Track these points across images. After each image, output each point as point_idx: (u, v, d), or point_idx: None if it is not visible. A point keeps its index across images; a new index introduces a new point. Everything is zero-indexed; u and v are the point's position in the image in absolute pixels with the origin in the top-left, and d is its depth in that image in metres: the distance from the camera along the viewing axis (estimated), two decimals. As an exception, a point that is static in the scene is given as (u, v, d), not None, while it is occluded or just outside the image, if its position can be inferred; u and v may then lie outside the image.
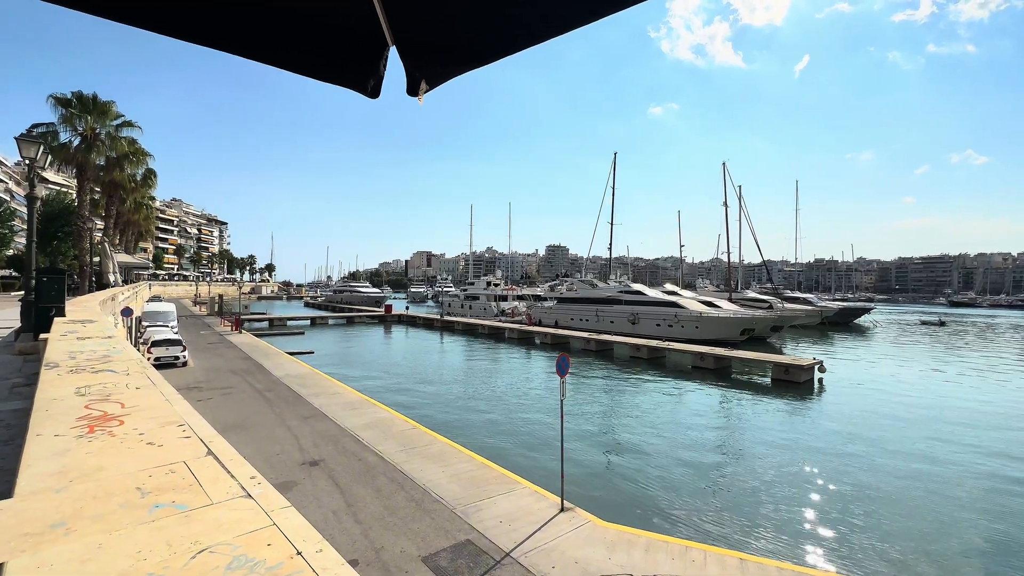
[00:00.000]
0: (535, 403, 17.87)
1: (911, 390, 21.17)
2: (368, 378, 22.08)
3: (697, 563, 6.13)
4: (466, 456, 9.85)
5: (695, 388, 20.91)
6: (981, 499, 10.00)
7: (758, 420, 16.16)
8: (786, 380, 21.22)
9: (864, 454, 12.56)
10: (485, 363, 27.72)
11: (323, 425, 11.68)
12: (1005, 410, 17.65)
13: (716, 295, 49.18)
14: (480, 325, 43.68)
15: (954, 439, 13.97)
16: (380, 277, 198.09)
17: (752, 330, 35.38)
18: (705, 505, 9.52)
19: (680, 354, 26.91)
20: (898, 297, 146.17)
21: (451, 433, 12.67)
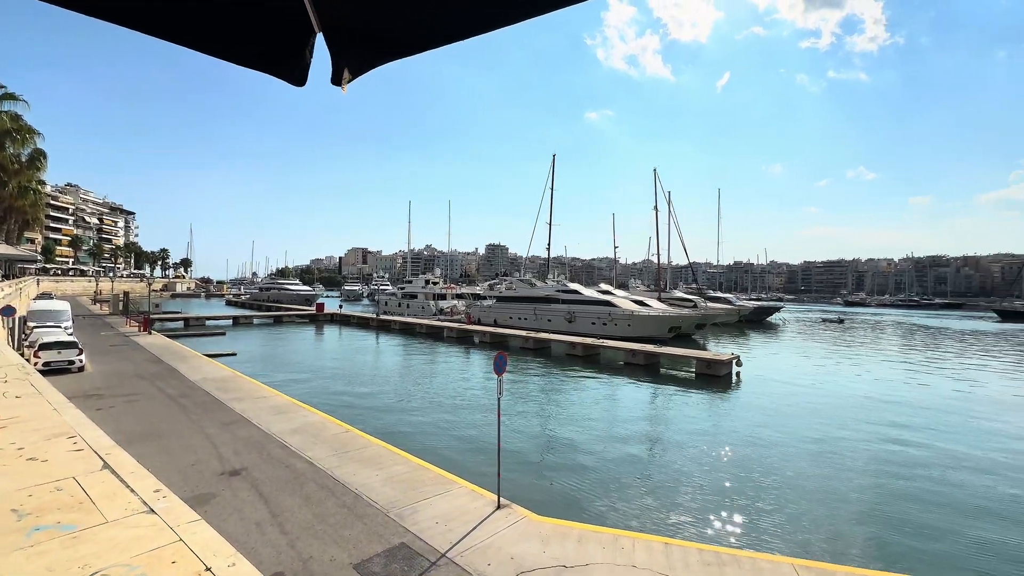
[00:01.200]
0: (474, 402, 17.84)
1: (814, 380, 23.46)
2: (298, 381, 20.96)
3: (626, 550, 6.42)
4: (402, 458, 9.64)
5: (627, 383, 21.85)
6: (872, 477, 11.29)
7: (683, 412, 17.19)
8: (708, 374, 22.74)
9: (774, 440, 13.74)
10: (423, 363, 27.28)
11: (246, 431, 10.93)
12: (891, 397, 20.04)
13: (647, 295, 51.73)
14: (418, 324, 42.91)
15: (851, 424, 15.65)
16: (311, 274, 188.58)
17: (679, 328, 37.59)
18: (635, 495, 9.98)
19: (614, 351, 28.00)
20: (803, 297, 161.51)
21: (387, 435, 12.35)
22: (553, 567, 5.98)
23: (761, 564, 6.17)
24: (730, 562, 6.17)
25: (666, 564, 6.09)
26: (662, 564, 6.09)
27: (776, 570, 6.02)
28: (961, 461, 12.28)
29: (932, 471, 11.58)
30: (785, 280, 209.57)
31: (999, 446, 13.65)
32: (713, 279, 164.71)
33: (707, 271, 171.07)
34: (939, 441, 13.95)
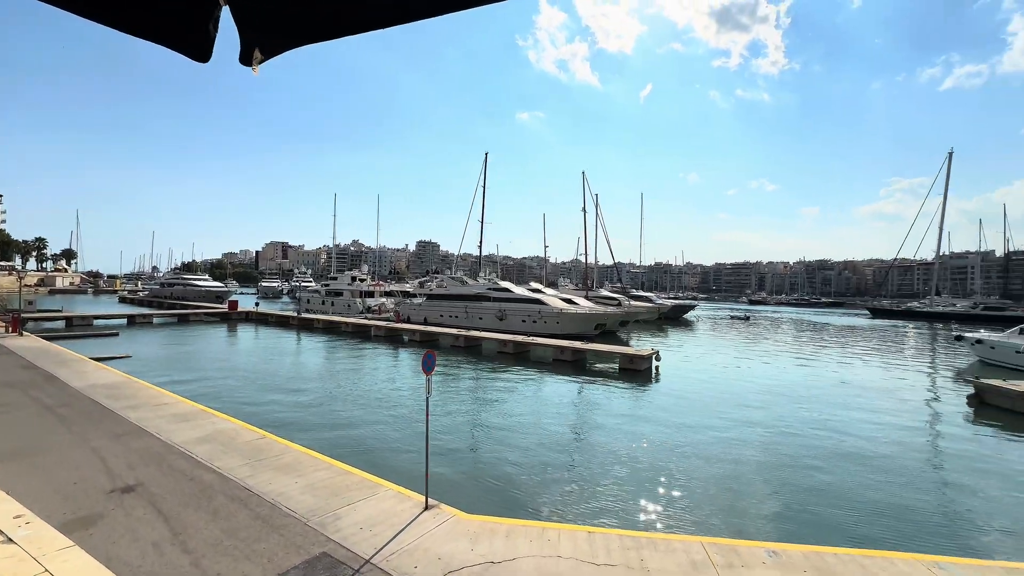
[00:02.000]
0: (403, 402, 17.43)
1: (724, 372, 25.57)
2: (206, 385, 19.24)
3: (552, 542, 6.60)
4: (324, 463, 9.19)
5: (556, 379, 22.45)
6: (770, 457, 12.50)
7: (607, 406, 17.99)
8: (631, 369, 23.99)
9: (687, 429, 14.79)
10: (349, 363, 26.17)
11: (143, 443, 9.85)
12: (786, 385, 22.35)
13: (575, 293, 53.49)
14: (344, 323, 41.11)
15: (754, 411, 17.22)
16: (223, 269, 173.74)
17: (604, 325, 39.30)
18: (561, 487, 10.29)
19: (543, 348, 28.64)
20: (714, 296, 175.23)
21: (309, 440, 11.72)
22: (481, 564, 6.01)
23: (674, 544, 6.62)
24: (647, 545, 6.56)
25: (589, 552, 6.34)
26: (586, 552, 6.33)
27: (687, 548, 6.49)
28: (841, 439, 13.96)
29: (819, 449, 13.05)
30: (699, 280, 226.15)
31: (871, 422, 15.71)
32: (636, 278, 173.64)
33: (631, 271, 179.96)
34: (825, 422, 15.76)
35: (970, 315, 69.08)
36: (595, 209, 64.25)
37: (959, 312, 71.92)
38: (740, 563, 6.16)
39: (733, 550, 6.50)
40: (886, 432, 15.02)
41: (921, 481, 11.22)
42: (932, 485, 11.08)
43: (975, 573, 6.06)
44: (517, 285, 48.52)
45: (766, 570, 6.02)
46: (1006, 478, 11.54)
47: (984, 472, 11.93)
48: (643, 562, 6.12)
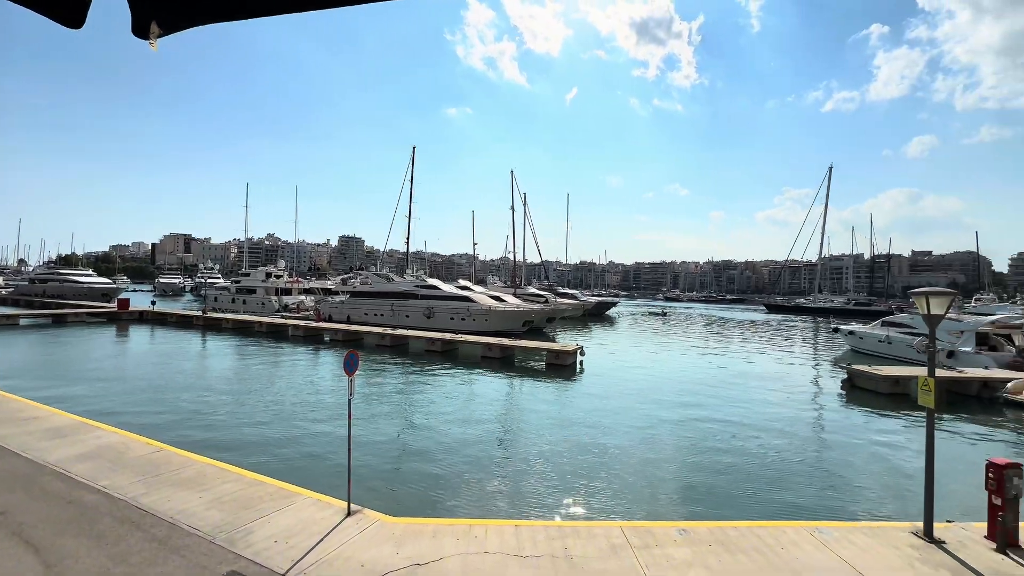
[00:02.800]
0: (324, 406, 16.57)
1: (643, 365, 27.15)
2: (90, 395, 16.99)
3: (479, 538, 6.63)
4: (233, 475, 8.50)
5: (484, 377, 22.54)
6: (683, 442, 13.48)
7: (534, 401, 18.39)
8: (557, 364, 24.71)
9: (609, 420, 15.53)
10: (263, 366, 24.39)
11: (6, 464, 8.49)
12: (697, 375, 24.21)
13: (503, 290, 54.00)
14: (257, 322, 38.25)
15: (669, 400, 18.46)
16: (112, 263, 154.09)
17: (532, 322, 40.11)
18: (490, 483, 10.36)
19: (471, 345, 28.62)
20: (634, 293, 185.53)
21: (216, 451, 10.77)
22: (406, 567, 5.89)
23: (596, 531, 6.93)
24: (571, 533, 6.81)
25: (516, 545, 6.45)
26: (512, 546, 6.44)
27: (608, 533, 6.82)
28: (742, 423, 15.40)
29: (723, 434, 14.29)
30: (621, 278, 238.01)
31: (765, 407, 17.50)
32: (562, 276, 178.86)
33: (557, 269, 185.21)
34: (728, 408, 17.29)
35: (845, 310, 79.22)
36: (523, 208, 65.25)
37: (836, 307, 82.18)
38: (654, 543, 6.60)
39: (648, 531, 6.94)
40: (777, 415, 16.80)
41: (805, 457, 12.69)
42: (814, 459, 12.57)
43: (847, 533, 6.98)
44: (446, 282, 48.03)
45: (677, 547, 6.50)
46: (871, 450, 13.40)
47: (854, 446, 13.76)
48: (567, 550, 6.34)
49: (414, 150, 51.53)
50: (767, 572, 5.96)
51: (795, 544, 6.64)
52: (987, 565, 6.19)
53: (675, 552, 6.37)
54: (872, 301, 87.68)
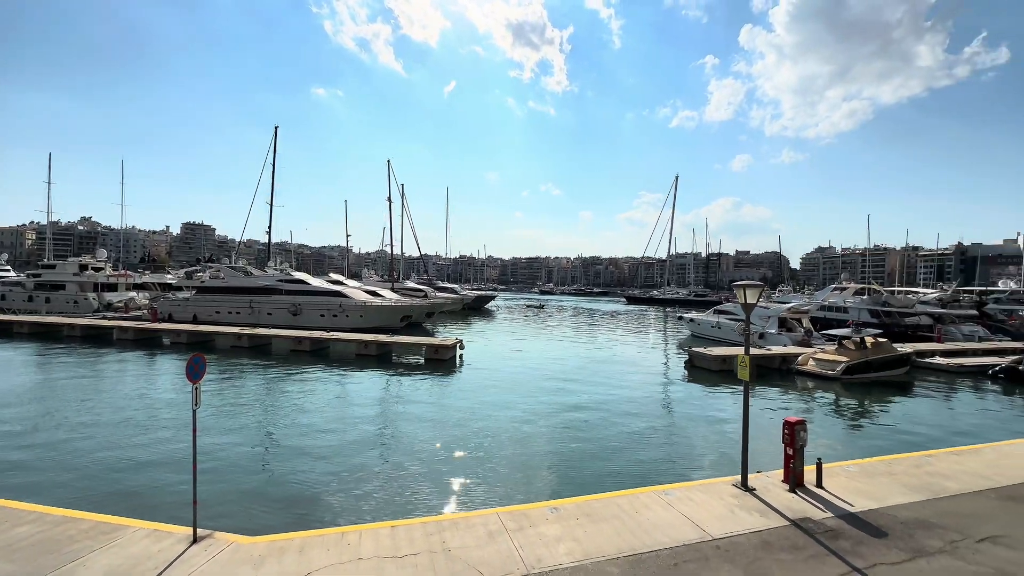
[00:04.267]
0: (161, 420, 14.23)
1: (520, 355, 28.27)
2: None
3: (352, 546, 6.31)
4: (31, 513, 6.89)
5: (359, 375, 21.44)
6: (555, 426, 14.36)
7: (413, 397, 18.03)
8: (436, 359, 24.53)
9: (487, 411, 15.91)
10: (77, 378, 20.06)
11: None
12: (569, 362, 25.96)
13: (380, 285, 51.91)
14: (67, 325, 31.34)
15: (544, 388, 19.49)
16: None
17: (410, 317, 39.18)
18: (366, 487, 9.90)
19: (345, 343, 27.01)
20: (512, 287, 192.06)
21: (7, 488, 8.60)
22: (268, 589, 5.36)
23: (473, 520, 7.07)
24: (449, 527, 6.84)
25: (392, 547, 6.28)
26: (388, 548, 6.25)
27: (485, 521, 7.00)
28: (605, 405, 16.95)
29: (590, 415, 15.57)
30: (499, 272, 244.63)
31: (624, 388, 19.51)
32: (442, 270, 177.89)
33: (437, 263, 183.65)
34: (594, 392, 18.89)
35: (688, 300, 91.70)
36: (401, 199, 63.18)
37: (681, 298, 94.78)
38: (528, 524, 6.95)
39: (523, 514, 7.29)
40: (634, 396, 18.86)
41: (656, 430, 14.45)
42: (663, 432, 14.38)
43: (687, 492, 8.12)
44: (315, 276, 44.52)
45: (549, 525, 6.93)
46: (706, 420, 15.75)
47: (693, 417, 16.05)
48: (444, 544, 6.36)
49: (276, 130, 46.55)
50: (624, 535, 6.67)
51: (647, 507, 7.53)
52: (782, 503, 7.71)
53: (547, 530, 6.79)
54: (707, 293, 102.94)
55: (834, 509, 7.56)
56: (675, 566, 5.98)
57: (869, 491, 8.23)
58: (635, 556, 6.18)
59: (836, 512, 7.46)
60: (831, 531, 6.89)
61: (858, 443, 13.63)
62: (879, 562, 6.13)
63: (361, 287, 42.97)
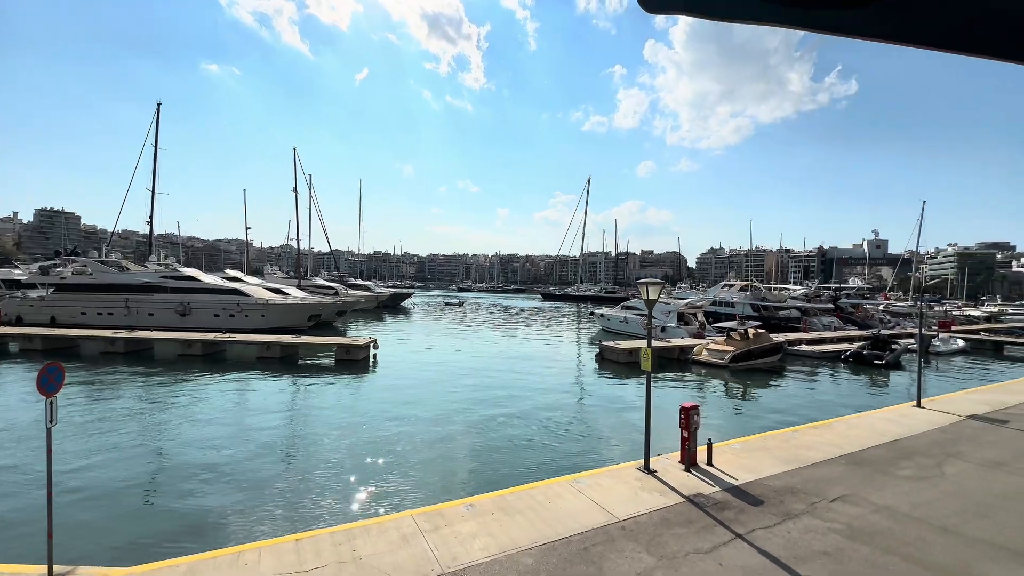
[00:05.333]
0: (11, 444, 12.04)
1: (437, 353, 27.89)
2: None
3: (251, 564, 5.82)
4: None
5: (261, 380, 19.80)
6: (473, 423, 14.37)
7: (323, 400, 17.05)
8: (348, 359, 23.40)
9: (404, 411, 15.51)
10: None
11: None
12: (489, 360, 26.11)
13: (285, 282, 48.34)
14: None
15: (461, 386, 19.40)
16: None
17: (319, 315, 36.97)
18: (269, 500, 9.18)
19: (244, 345, 24.80)
20: (429, 284, 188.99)
21: None
22: (147, 624, 4.77)
23: (387, 524, 6.86)
24: (360, 534, 6.57)
25: (296, 562, 5.89)
26: (292, 563, 5.85)
27: (399, 525, 6.82)
28: (521, 399, 17.32)
29: (506, 411, 15.81)
30: (416, 269, 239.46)
31: (539, 382, 20.09)
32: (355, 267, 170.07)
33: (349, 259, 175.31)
34: (511, 387, 19.22)
35: (599, 297, 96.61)
36: (309, 191, 59.22)
37: (593, 295, 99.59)
38: (444, 523, 6.89)
39: (439, 514, 7.21)
40: (548, 389, 19.50)
41: (569, 422, 15.06)
42: (576, 423, 15.03)
43: (596, 479, 8.56)
44: (208, 272, 40.30)
45: (464, 522, 6.93)
46: (615, 409, 16.73)
47: (603, 407, 16.97)
48: (355, 552, 6.10)
49: (159, 108, 41.23)
50: (538, 525, 6.87)
51: (559, 496, 7.82)
52: (679, 481, 8.43)
53: (463, 528, 6.78)
54: (616, 289, 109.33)
55: (721, 483, 8.42)
56: (584, 550, 6.28)
57: (749, 465, 9.28)
58: (548, 544, 6.39)
59: (723, 486, 8.31)
60: (719, 503, 7.67)
61: (742, 423, 15.30)
62: (756, 527, 6.94)
63: (263, 284, 39.68)
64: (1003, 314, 60.01)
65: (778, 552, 6.28)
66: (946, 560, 6.22)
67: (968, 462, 9.78)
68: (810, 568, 5.94)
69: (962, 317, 51.59)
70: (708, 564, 6.00)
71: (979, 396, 16.01)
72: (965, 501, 7.96)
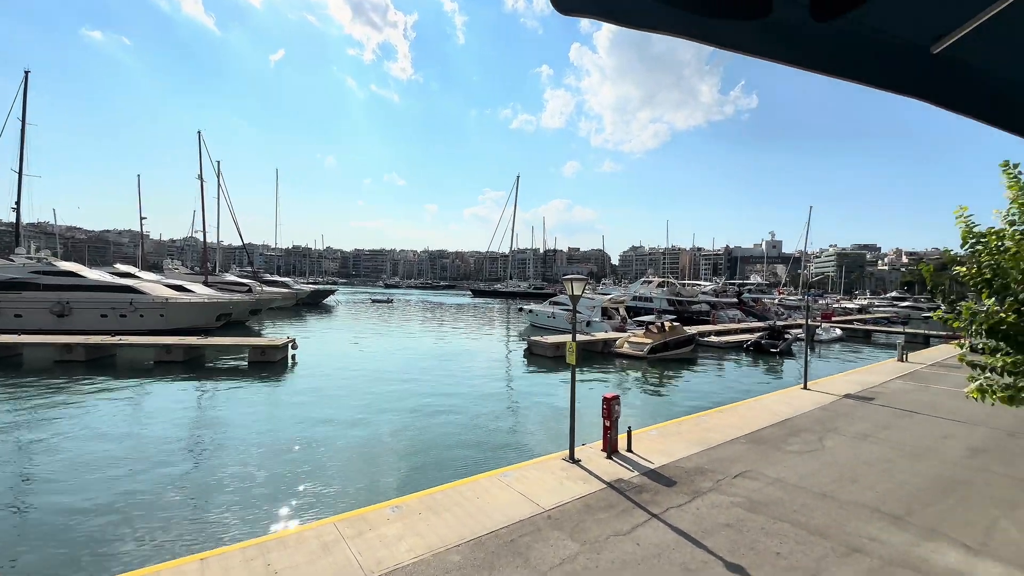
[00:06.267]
0: None
1: (362, 353, 26.84)
2: None
3: (146, 591, 5.25)
4: None
5: (161, 386, 17.90)
6: (399, 424, 13.99)
7: (234, 406, 15.77)
8: (263, 361, 21.82)
9: (325, 414, 14.77)
10: None
11: None
12: (417, 357, 25.55)
13: (189, 278, 44.09)
14: None
15: (387, 386, 18.81)
16: None
17: (229, 315, 34.14)
18: (170, 518, 8.32)
19: (139, 348, 22.26)
20: (354, 280, 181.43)
21: None
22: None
23: (306, 534, 6.50)
24: (275, 547, 6.16)
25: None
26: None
27: (319, 534, 6.49)
28: (449, 395, 17.17)
29: (435, 408, 15.61)
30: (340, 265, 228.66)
31: (469, 377, 20.05)
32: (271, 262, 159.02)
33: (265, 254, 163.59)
34: (439, 384, 18.99)
35: (528, 293, 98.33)
36: (217, 178, 54.25)
37: (522, 291, 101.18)
38: (368, 528, 6.67)
39: (363, 518, 6.96)
40: (477, 385, 19.54)
41: (498, 416, 15.19)
42: (505, 417, 15.19)
43: (523, 472, 8.71)
44: (94, 267, 35.65)
45: (390, 525, 6.75)
46: (543, 402, 17.12)
47: (532, 401, 17.31)
48: (270, 566, 5.72)
49: (27, 76, 35.59)
50: (466, 521, 6.87)
51: (487, 491, 7.87)
52: (601, 469, 8.83)
53: (388, 530, 6.60)
54: (545, 286, 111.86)
55: (640, 468, 8.93)
56: (512, 542, 6.38)
57: (665, 449, 9.94)
58: (476, 540, 6.41)
59: (641, 470, 8.83)
60: (637, 487, 8.14)
61: (659, 410, 16.34)
62: (670, 506, 7.45)
63: (161, 281, 35.87)
64: (871, 306, 69.39)
65: (688, 528, 6.79)
66: (825, 522, 7.08)
67: (843, 435, 11.20)
68: (715, 540, 6.50)
69: (840, 309, 59.00)
70: (627, 545, 6.35)
71: (852, 378, 18.38)
72: (840, 469, 9.12)
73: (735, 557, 6.10)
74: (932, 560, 6.18)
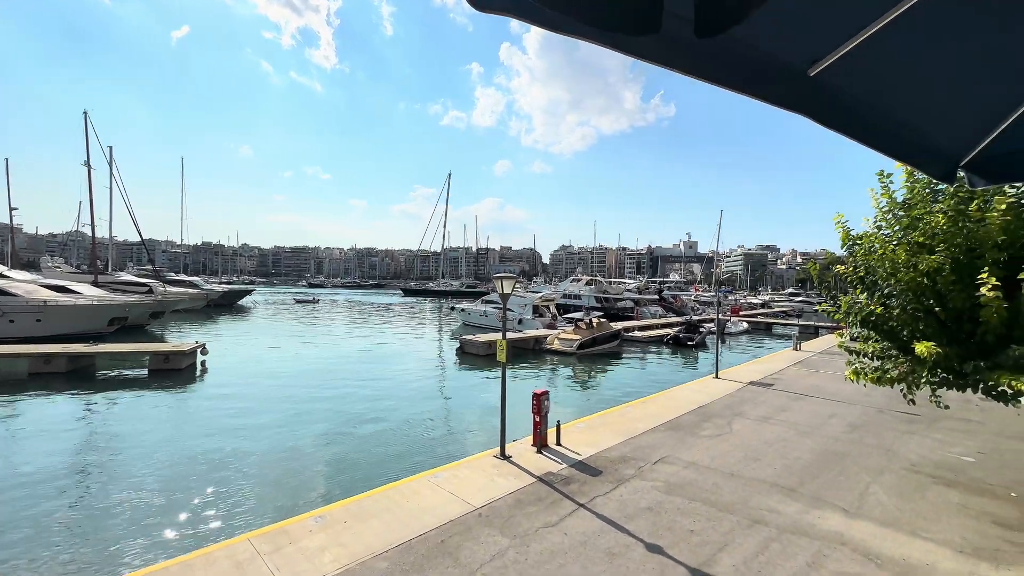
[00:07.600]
0: None
1: (281, 357, 25.20)
2: None
3: (17, 637, 4.57)
4: None
5: (39, 401, 15.64)
6: (322, 430, 13.31)
7: (131, 420, 14.17)
8: (167, 368, 19.81)
9: (238, 425, 13.71)
10: None
11: None
12: (343, 361, 24.42)
13: (76, 278, 38.94)
14: None
15: (309, 391, 17.82)
16: None
17: (125, 318, 30.63)
18: (58, 550, 7.30)
19: (9, 359, 19.30)
20: (274, 279, 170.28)
21: None
22: None
23: (215, 554, 6.00)
24: (179, 572, 5.62)
25: (88, 619, 4.80)
26: (82, 623, 4.75)
27: (231, 553, 6.02)
28: (377, 397, 16.64)
29: (362, 411, 15.04)
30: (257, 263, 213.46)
31: (399, 378, 19.56)
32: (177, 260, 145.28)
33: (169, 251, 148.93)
34: (367, 385, 18.33)
35: (461, 291, 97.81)
36: (109, 166, 48.37)
37: (454, 290, 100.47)
38: (288, 541, 6.29)
39: (283, 532, 6.56)
40: (408, 385, 19.12)
41: (430, 417, 14.97)
42: (437, 417, 15.00)
43: (454, 471, 8.66)
44: (-54, 266, 30.33)
45: (313, 536, 6.42)
46: (475, 401, 17.09)
47: (464, 400, 17.23)
48: (173, 593, 5.21)
49: None
50: (394, 526, 6.70)
51: (417, 493, 7.73)
52: (531, 463, 9.01)
53: (311, 542, 6.28)
54: (477, 284, 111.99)
55: (568, 460, 9.22)
56: (442, 543, 6.32)
57: (592, 441, 10.33)
58: (404, 544, 6.27)
59: (569, 463, 9.12)
60: (565, 479, 8.39)
61: (587, 403, 16.95)
62: (596, 495, 7.76)
63: (38, 280, 31.36)
64: (772, 301, 76.90)
65: (612, 514, 7.12)
66: (732, 499, 7.74)
67: (748, 419, 12.31)
68: (636, 524, 6.87)
69: (746, 304, 64.73)
70: (555, 535, 6.53)
71: (755, 367, 20.24)
72: (745, 450, 10.01)
73: (654, 538, 6.48)
74: (818, 525, 6.97)
